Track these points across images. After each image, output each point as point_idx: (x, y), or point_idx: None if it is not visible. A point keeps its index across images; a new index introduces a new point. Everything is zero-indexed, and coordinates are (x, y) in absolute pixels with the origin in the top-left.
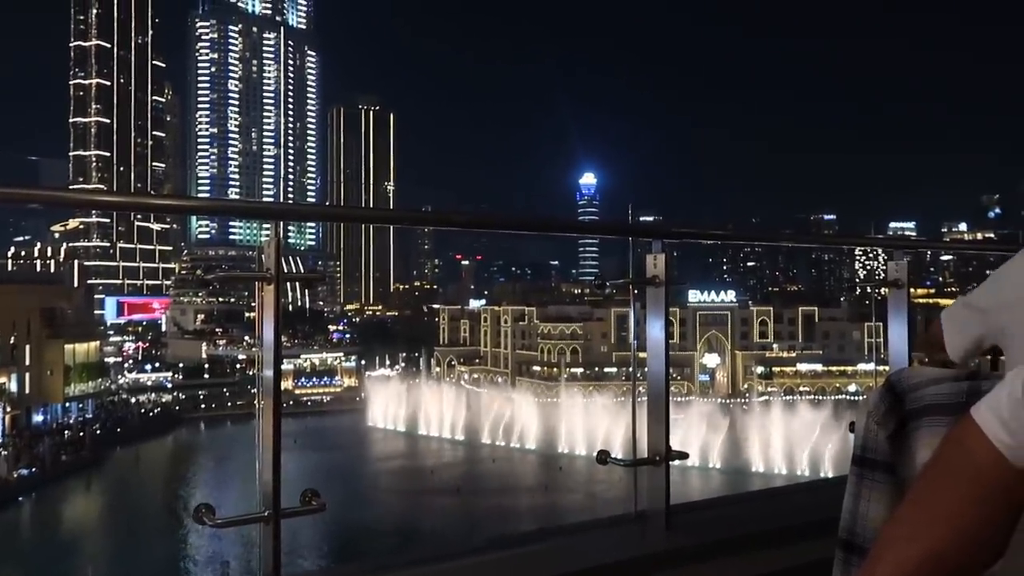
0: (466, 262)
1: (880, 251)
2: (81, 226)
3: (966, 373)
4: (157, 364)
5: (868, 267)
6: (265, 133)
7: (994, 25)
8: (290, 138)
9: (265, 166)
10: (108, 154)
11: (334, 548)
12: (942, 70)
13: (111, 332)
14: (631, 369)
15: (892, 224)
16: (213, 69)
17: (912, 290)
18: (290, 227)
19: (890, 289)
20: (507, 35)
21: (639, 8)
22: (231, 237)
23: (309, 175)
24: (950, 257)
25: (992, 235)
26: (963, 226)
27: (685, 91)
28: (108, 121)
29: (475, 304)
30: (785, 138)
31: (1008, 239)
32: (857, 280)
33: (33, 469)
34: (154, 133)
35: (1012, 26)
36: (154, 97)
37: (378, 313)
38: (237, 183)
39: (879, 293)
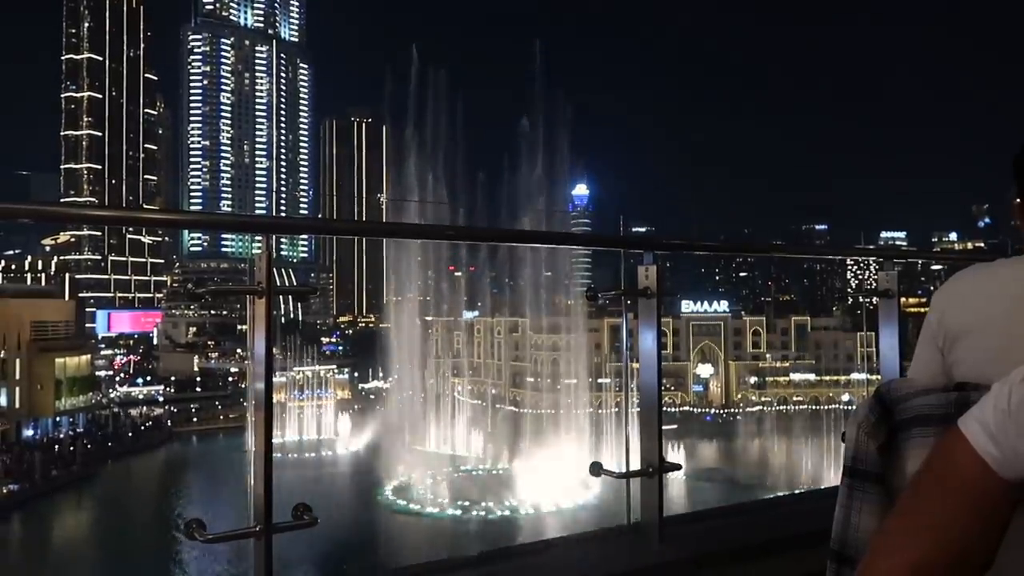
0: (459, 273)
1: (871, 261)
2: (72, 239)
3: (954, 384)
4: (149, 377)
5: (860, 277)
6: (257, 146)
7: (988, 36)
8: (282, 150)
9: (257, 179)
10: (100, 167)
11: (327, 562)
12: (935, 80)
13: (102, 345)
14: (624, 379)
15: (883, 234)
16: (205, 82)
17: (904, 299)
18: (283, 239)
19: (881, 299)
20: (499, 47)
21: (633, 22)
22: (223, 250)
23: (301, 187)
24: (940, 267)
25: (982, 244)
26: (953, 236)
27: (678, 104)
28: (100, 134)
29: (468, 316)
30: (778, 148)
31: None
32: (849, 290)
33: (23, 484)
34: (146, 146)
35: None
36: (146, 110)
37: (371, 325)
38: (229, 196)
39: (871, 303)
